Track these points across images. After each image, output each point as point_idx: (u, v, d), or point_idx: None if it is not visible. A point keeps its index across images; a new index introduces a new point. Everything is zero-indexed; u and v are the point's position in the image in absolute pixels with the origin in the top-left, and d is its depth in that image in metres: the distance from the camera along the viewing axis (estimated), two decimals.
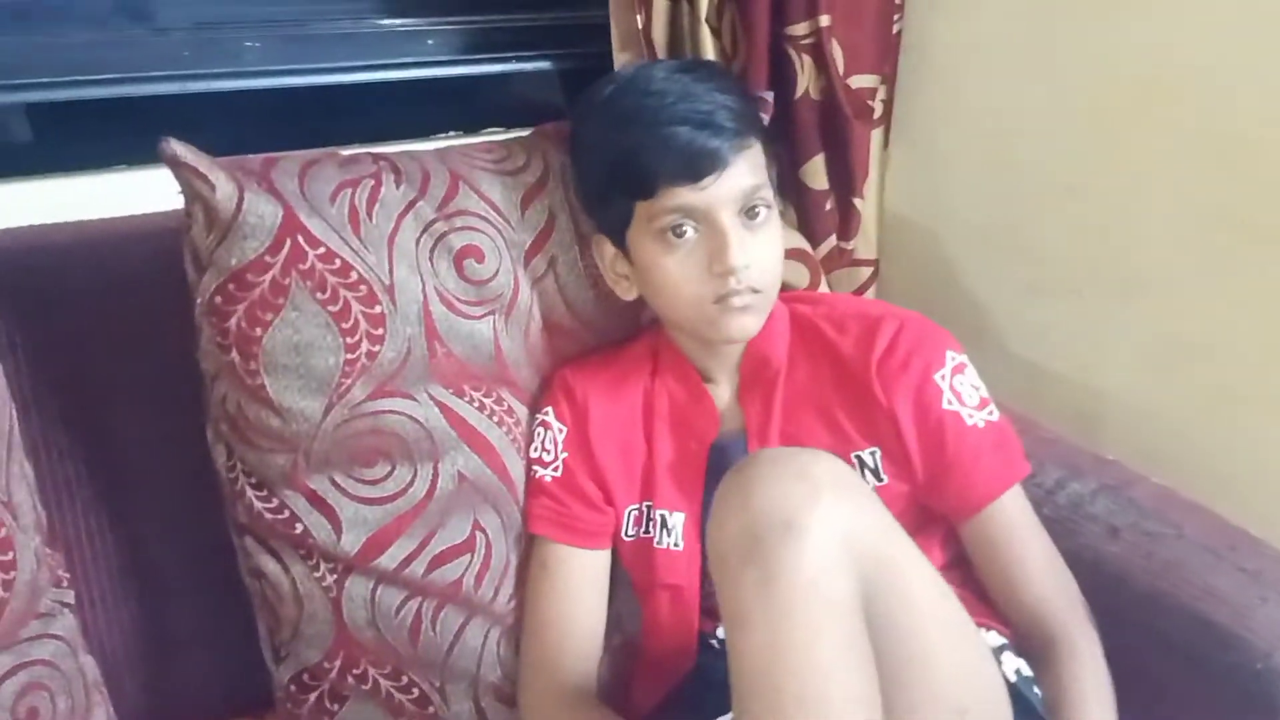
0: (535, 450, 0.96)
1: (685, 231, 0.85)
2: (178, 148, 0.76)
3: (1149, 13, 1.04)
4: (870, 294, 1.38)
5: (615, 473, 0.95)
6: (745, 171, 0.85)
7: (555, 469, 0.95)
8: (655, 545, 0.94)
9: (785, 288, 1.22)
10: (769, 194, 0.88)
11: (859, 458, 0.90)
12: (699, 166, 0.83)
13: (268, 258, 0.78)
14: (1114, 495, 0.94)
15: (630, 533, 0.95)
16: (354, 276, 0.81)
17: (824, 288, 1.30)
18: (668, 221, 0.85)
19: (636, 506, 0.96)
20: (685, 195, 0.84)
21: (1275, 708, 0.78)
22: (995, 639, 0.86)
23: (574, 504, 0.94)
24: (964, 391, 0.90)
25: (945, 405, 0.88)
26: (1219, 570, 0.85)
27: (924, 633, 0.73)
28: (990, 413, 0.91)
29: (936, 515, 0.92)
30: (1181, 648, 0.83)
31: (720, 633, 0.92)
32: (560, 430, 0.96)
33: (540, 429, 0.97)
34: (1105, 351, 1.19)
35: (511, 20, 1.24)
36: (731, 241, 0.84)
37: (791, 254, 1.26)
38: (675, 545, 0.94)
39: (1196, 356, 1.09)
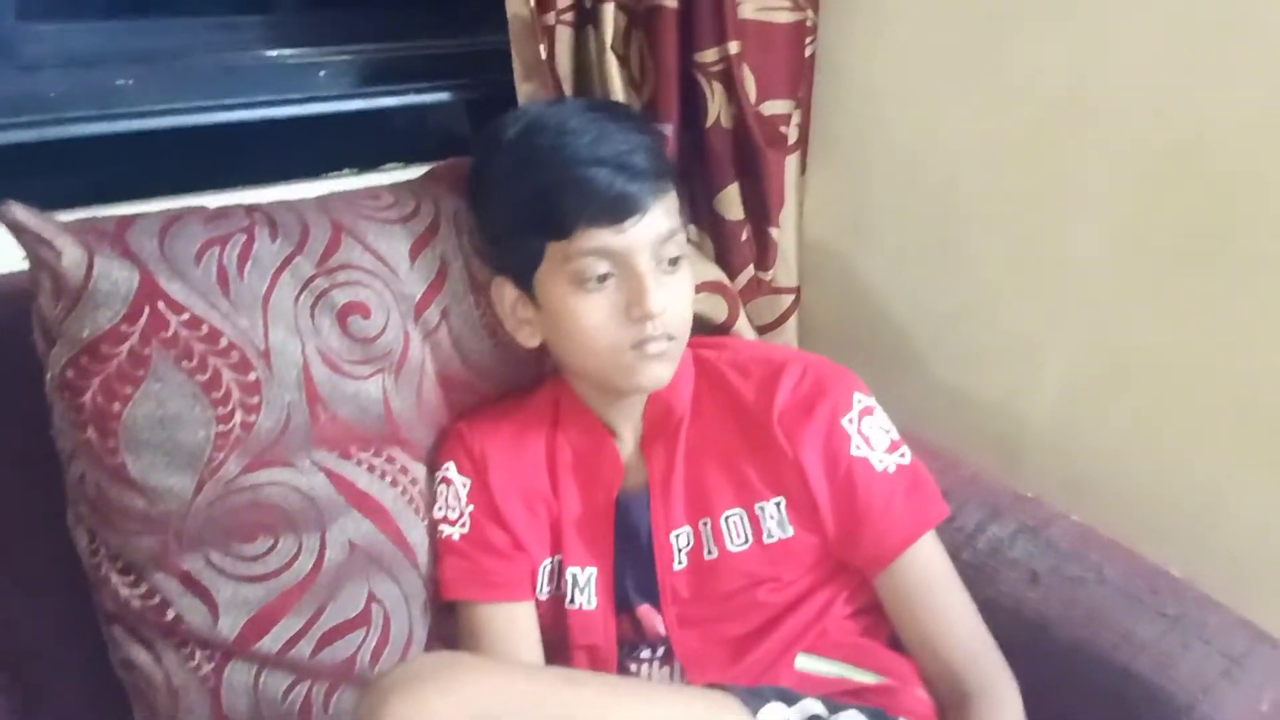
0: (439, 510, 0.92)
1: (602, 275, 0.82)
2: (18, 211, 0.69)
3: (1063, 35, 1.03)
4: (792, 321, 1.35)
5: (523, 525, 0.91)
6: (662, 216, 0.84)
7: (463, 525, 0.91)
8: (568, 605, 0.90)
9: (703, 320, 1.20)
10: (683, 239, 0.86)
11: (762, 508, 0.87)
12: (621, 209, 0.81)
13: (124, 327, 0.72)
14: (1034, 537, 0.92)
15: (544, 591, 0.91)
16: (224, 343, 0.75)
17: (743, 319, 1.26)
18: (584, 264, 0.82)
19: (548, 562, 0.92)
20: (604, 238, 0.81)
21: None
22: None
23: (487, 558, 0.90)
24: (873, 435, 0.87)
25: (854, 451, 0.86)
26: (1140, 616, 0.83)
27: None
28: (902, 455, 0.88)
29: (845, 567, 0.89)
30: (1104, 699, 0.81)
31: None
32: (464, 484, 0.91)
33: (442, 486, 0.92)
34: (1030, 377, 1.17)
35: (408, 49, 1.18)
36: (650, 286, 0.82)
37: (708, 286, 1.23)
38: (588, 604, 0.90)
39: (1121, 381, 1.08)
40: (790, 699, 0.77)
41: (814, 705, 0.77)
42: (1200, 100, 0.94)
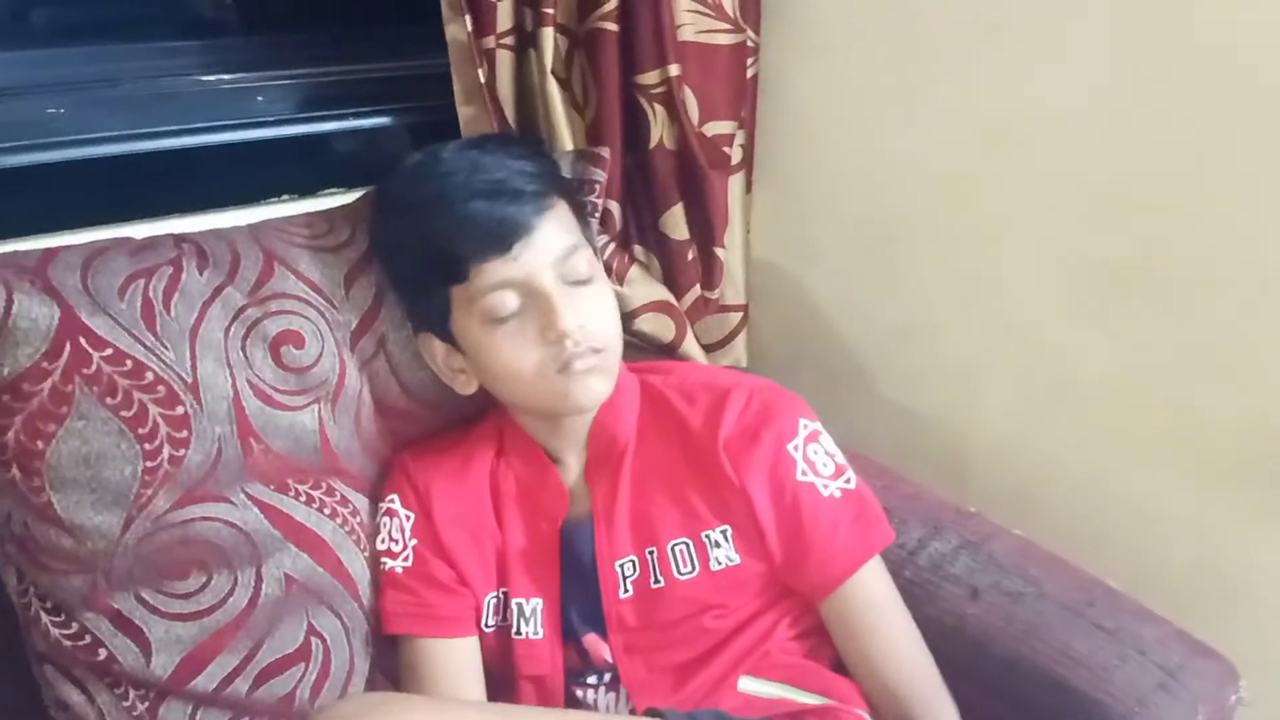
0: (382, 541, 0.91)
1: (509, 306, 0.82)
2: None
3: (999, 64, 1.04)
4: (740, 340, 1.35)
5: (468, 560, 0.90)
6: (555, 233, 0.83)
7: (406, 558, 0.90)
8: (514, 635, 0.90)
9: (650, 340, 1.20)
10: (588, 252, 0.85)
11: (709, 536, 0.87)
12: (504, 236, 0.80)
13: (45, 364, 0.71)
14: (975, 552, 0.92)
15: (489, 623, 0.91)
16: (149, 377, 0.74)
17: (690, 338, 1.27)
18: (489, 302, 0.81)
19: (494, 594, 0.91)
20: (499, 269, 0.81)
21: None
22: None
23: (430, 592, 0.89)
24: (818, 460, 0.87)
25: (800, 477, 0.86)
26: (1078, 629, 0.84)
27: None
28: (847, 481, 0.88)
29: (789, 592, 0.89)
30: (1042, 713, 0.81)
31: None
32: (408, 517, 0.90)
33: (386, 518, 0.91)
34: (975, 394, 1.18)
35: (348, 74, 1.17)
36: (558, 304, 0.81)
37: (655, 306, 1.23)
38: (535, 634, 0.90)
39: (1060, 399, 1.09)
40: None
41: None
42: (1130, 132, 0.96)
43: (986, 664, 0.85)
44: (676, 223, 1.23)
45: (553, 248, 0.82)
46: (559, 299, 0.81)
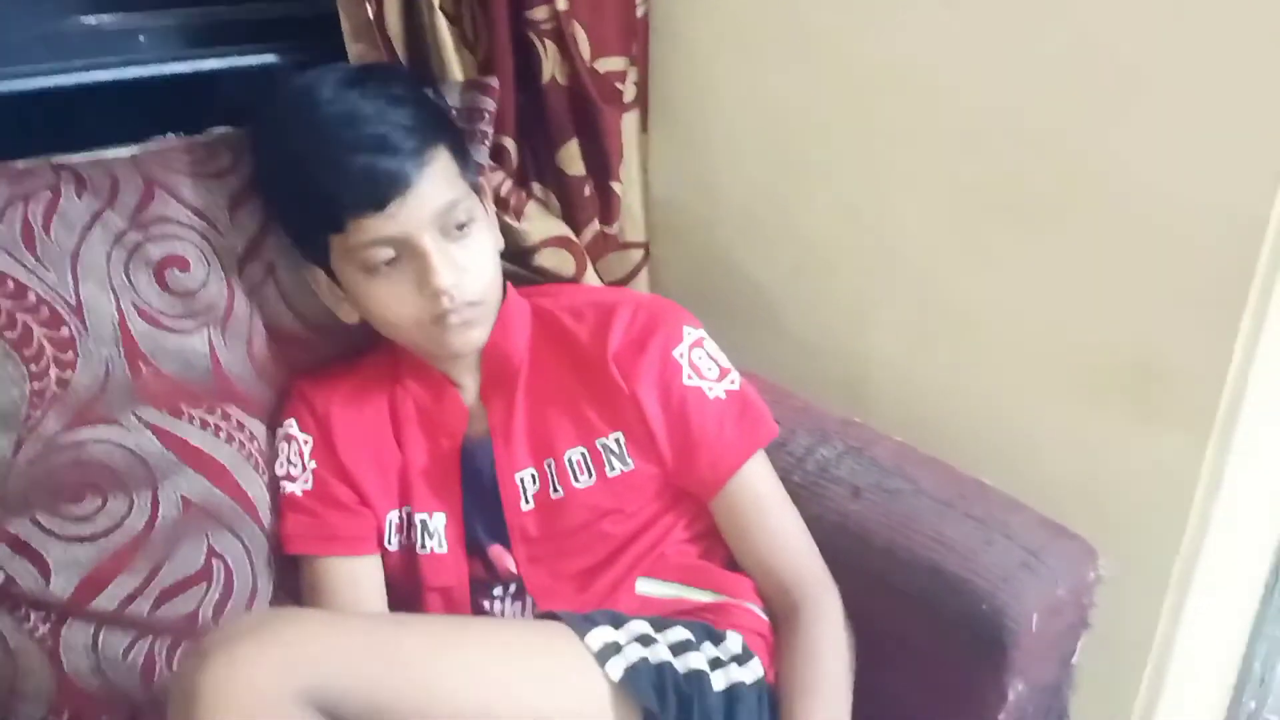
0: (281, 466, 0.92)
1: (387, 259, 0.82)
2: None
3: (884, 2, 1.08)
4: (643, 276, 1.38)
5: (370, 481, 0.92)
6: (434, 187, 0.82)
7: (305, 481, 0.91)
8: (419, 550, 0.92)
9: (551, 276, 1.23)
10: (471, 204, 0.86)
11: (603, 444, 0.90)
12: (380, 193, 0.80)
13: None
14: (857, 456, 0.97)
15: (392, 542, 0.93)
16: (31, 299, 0.75)
17: (590, 273, 1.29)
18: (365, 255, 0.82)
19: (396, 513, 0.93)
20: (375, 226, 0.81)
21: (1002, 642, 0.82)
22: (733, 644, 0.85)
23: (330, 513, 0.91)
24: (703, 365, 0.91)
25: (686, 381, 0.90)
26: (949, 519, 0.89)
27: (462, 685, 0.72)
28: (731, 382, 0.92)
29: (684, 495, 0.92)
30: (918, 597, 0.86)
31: None
32: (306, 441, 0.92)
33: (284, 443, 0.92)
34: (868, 325, 1.23)
35: (233, 12, 1.16)
36: (434, 264, 0.82)
37: (555, 242, 1.25)
38: (439, 548, 0.92)
39: (946, 327, 1.15)
40: (619, 621, 0.80)
41: (641, 625, 0.81)
42: (1006, 69, 1.01)
43: (867, 554, 0.90)
44: (572, 158, 1.25)
45: (431, 203, 0.82)
46: (435, 257, 0.82)
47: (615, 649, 0.77)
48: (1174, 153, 0.93)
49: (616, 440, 0.90)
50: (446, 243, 0.83)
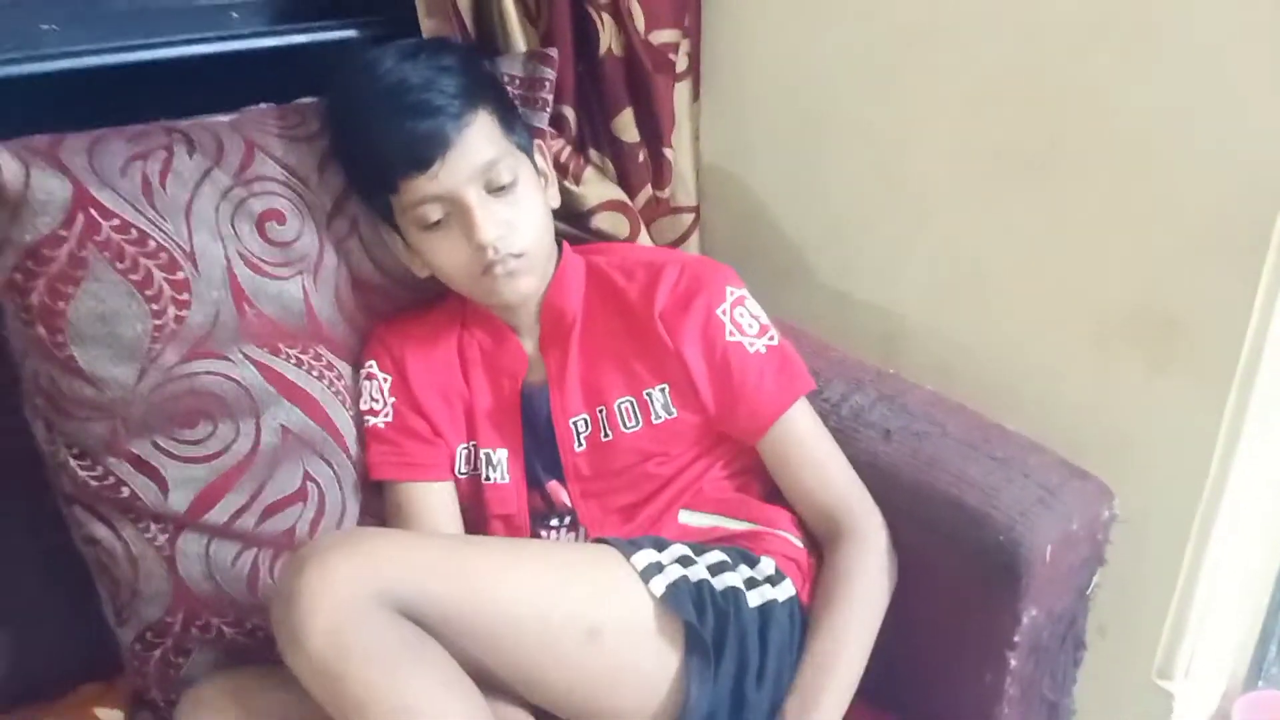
0: (365, 402, 1.02)
1: (436, 219, 0.91)
2: None
3: None
4: (694, 238, 1.46)
5: (441, 415, 1.02)
6: (476, 146, 0.89)
7: (386, 415, 1.01)
8: (484, 481, 1.01)
9: (607, 237, 1.31)
10: (513, 161, 0.92)
11: (650, 395, 0.98)
12: (422, 154, 0.87)
13: (61, 232, 0.81)
14: (890, 403, 1.04)
15: (462, 470, 1.02)
16: (152, 245, 0.85)
17: (644, 235, 1.37)
18: (417, 213, 0.91)
19: (465, 446, 1.02)
20: (422, 185, 0.89)
21: (1017, 571, 0.89)
22: (766, 567, 0.93)
23: (409, 443, 1.00)
24: (744, 322, 0.98)
25: (728, 337, 0.97)
26: (973, 460, 0.96)
27: (523, 595, 0.81)
28: (771, 338, 1.00)
29: (723, 439, 1.00)
30: (942, 529, 0.94)
31: None
32: (385, 379, 1.01)
33: (366, 382, 1.02)
34: (900, 280, 1.30)
35: None
36: (477, 219, 0.90)
37: (611, 205, 1.33)
38: (502, 479, 1.02)
39: (975, 279, 1.21)
40: (662, 545, 0.89)
41: (682, 549, 0.90)
42: (1029, 30, 1.06)
43: (896, 492, 0.97)
44: (627, 125, 1.33)
45: (473, 161, 0.89)
46: (479, 212, 0.89)
47: (658, 568, 0.86)
48: (1194, 107, 0.97)
49: (662, 390, 0.98)
50: (491, 199, 0.91)
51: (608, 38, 1.27)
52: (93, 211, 0.82)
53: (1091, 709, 1.11)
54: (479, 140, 0.90)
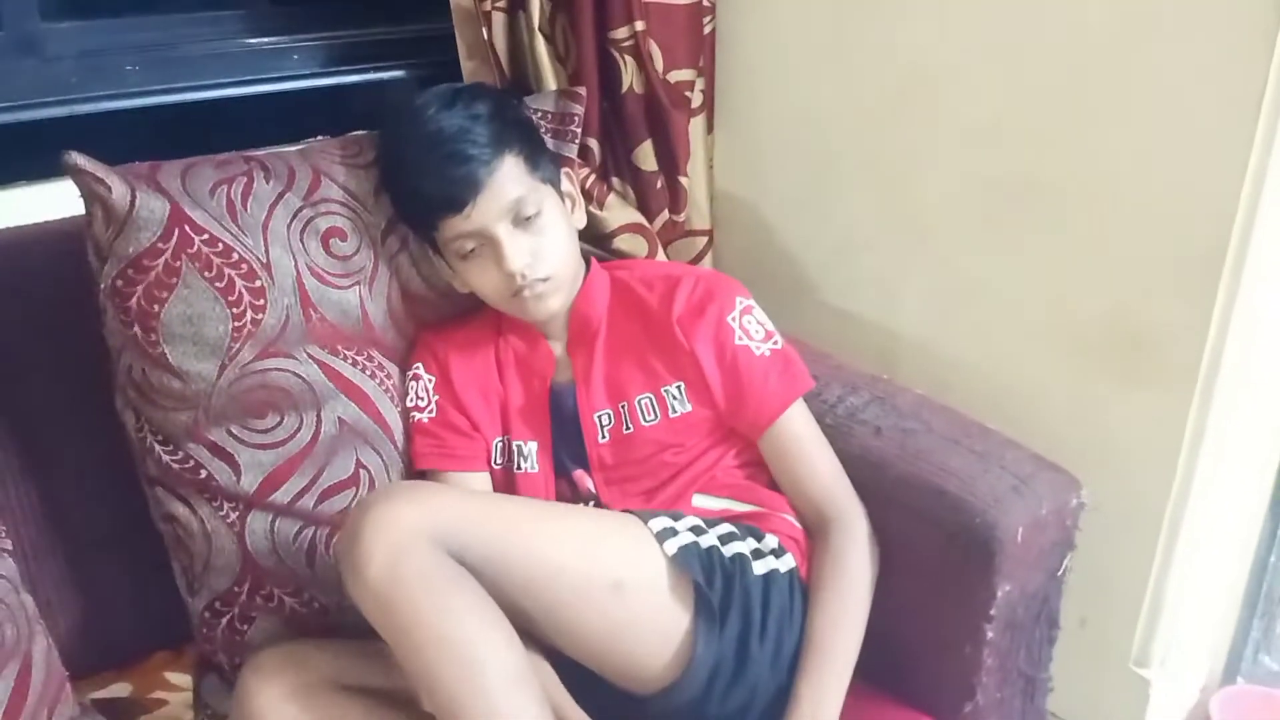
0: (410, 400, 1.14)
1: (471, 249, 1.04)
2: (78, 158, 0.92)
3: (911, 14, 1.27)
4: (708, 259, 1.58)
5: (479, 411, 1.13)
6: (506, 185, 1.01)
7: (430, 411, 1.12)
8: (515, 471, 1.13)
9: (627, 257, 1.43)
10: (538, 195, 1.03)
11: (667, 391, 1.10)
12: (456, 197, 0.99)
13: (160, 245, 0.94)
14: (882, 404, 1.15)
15: (497, 462, 1.14)
16: (235, 257, 0.98)
17: (661, 256, 1.49)
18: (454, 245, 1.04)
19: (500, 439, 1.14)
20: (457, 224, 1.01)
21: (991, 549, 0.99)
22: (770, 542, 1.04)
23: (450, 436, 1.12)
24: (751, 329, 1.10)
25: (737, 342, 1.09)
26: (954, 453, 1.06)
27: (556, 547, 0.92)
28: (775, 343, 1.11)
29: (734, 432, 1.12)
30: (925, 515, 1.04)
31: None
32: (430, 379, 1.13)
33: (413, 382, 1.14)
34: (899, 296, 1.41)
35: (367, 35, 1.40)
36: (506, 251, 1.01)
37: (631, 228, 1.46)
38: (532, 469, 1.13)
39: (967, 299, 1.32)
40: (677, 516, 1.01)
41: (695, 520, 1.01)
42: (1017, 74, 1.18)
43: (884, 482, 1.07)
44: (646, 156, 1.46)
45: (502, 200, 1.00)
46: (507, 245, 1.01)
47: (672, 533, 0.97)
48: (1157, 144, 1.08)
49: (678, 387, 1.09)
50: (519, 231, 1.03)
51: (629, 76, 1.40)
52: (186, 227, 0.95)
53: (1073, 695, 1.20)
54: (507, 181, 1.01)
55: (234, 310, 0.97)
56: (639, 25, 1.36)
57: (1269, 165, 1.03)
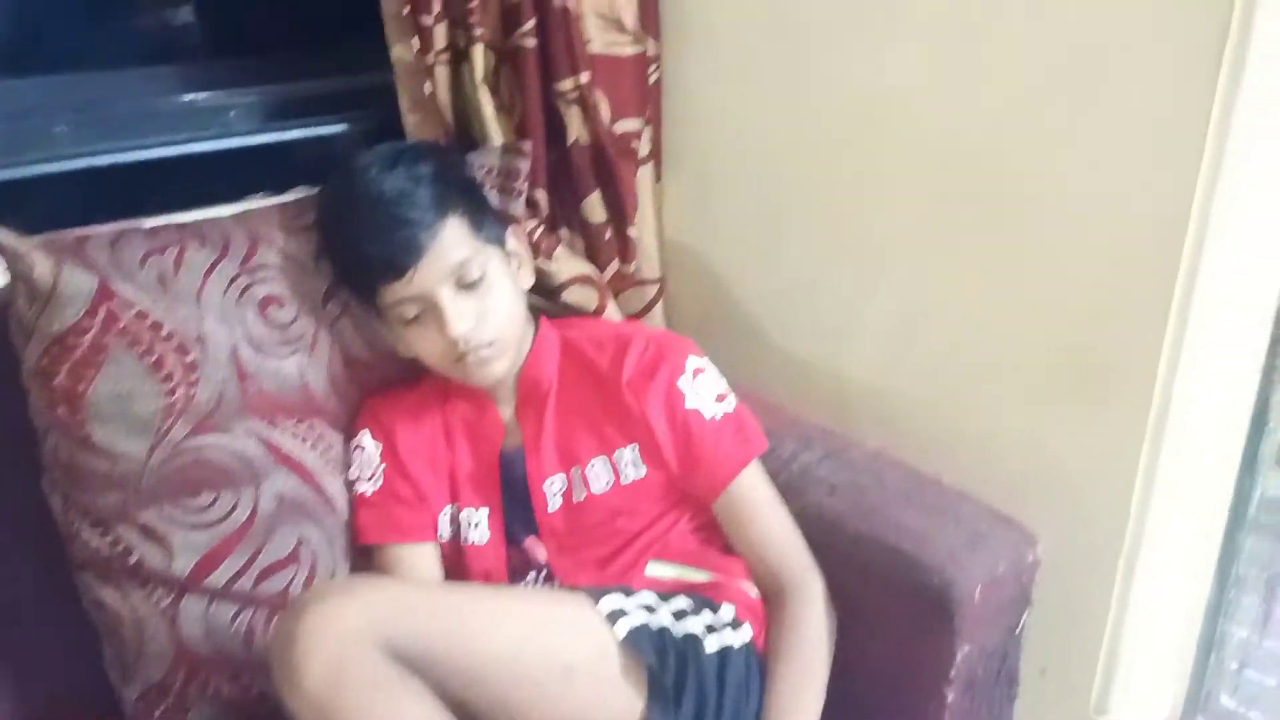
0: (354, 472, 1.10)
1: (414, 314, 1.01)
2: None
3: (854, 54, 1.26)
4: (658, 309, 1.56)
5: (427, 481, 1.10)
6: (448, 248, 0.98)
7: (375, 481, 1.09)
8: (463, 542, 1.10)
9: (577, 310, 1.41)
10: (482, 258, 1.00)
11: (620, 454, 1.08)
12: (397, 263, 0.96)
13: (86, 321, 0.91)
14: (835, 459, 1.14)
15: (445, 534, 1.11)
16: (167, 330, 0.94)
17: (612, 306, 1.47)
18: (395, 312, 1.01)
19: (448, 509, 1.11)
20: (398, 289, 0.99)
21: (950, 610, 0.98)
22: (726, 614, 1.02)
23: (395, 507, 1.09)
24: (703, 391, 1.09)
25: (688, 405, 1.07)
26: (908, 509, 1.06)
27: (502, 637, 0.88)
28: (728, 404, 1.10)
29: (688, 496, 1.10)
30: (881, 573, 1.03)
31: None
32: (376, 447, 1.10)
33: (357, 451, 1.11)
34: (848, 340, 1.40)
35: (307, 89, 1.37)
36: (448, 316, 0.98)
37: (580, 280, 1.43)
38: (481, 539, 1.10)
39: (920, 336, 1.31)
40: (628, 593, 0.98)
41: (647, 596, 0.99)
42: (958, 105, 1.18)
43: (840, 539, 1.06)
44: (594, 207, 1.44)
45: (445, 264, 0.97)
46: (450, 310, 0.98)
47: (622, 613, 0.94)
48: (1107, 176, 1.08)
49: (632, 450, 1.07)
50: (462, 295, 1.00)
51: (576, 128, 1.38)
52: (115, 302, 0.92)
53: None
54: (450, 245, 0.98)
55: (165, 386, 0.94)
56: (584, 77, 1.35)
57: (1216, 189, 1.03)
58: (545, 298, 1.36)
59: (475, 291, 1.01)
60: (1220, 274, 1.07)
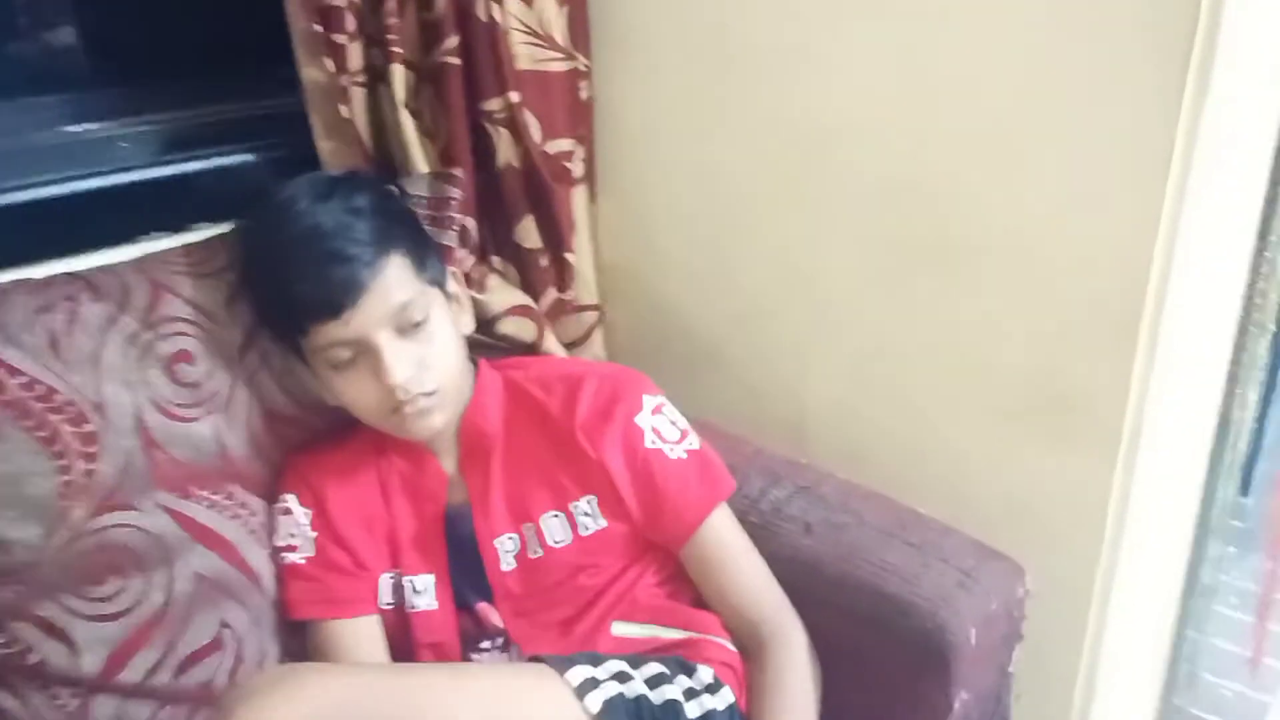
0: (282, 538, 0.99)
1: (346, 358, 0.91)
2: None
3: (802, 75, 1.21)
4: (597, 336, 1.48)
5: (364, 546, 1.00)
6: (389, 289, 0.90)
7: (307, 550, 0.99)
8: (409, 610, 1.00)
9: (513, 341, 1.32)
10: (425, 300, 0.92)
11: (576, 507, 0.99)
12: (333, 302, 0.87)
13: None
14: (807, 495, 1.07)
15: (387, 602, 1.00)
16: (59, 399, 0.82)
17: (549, 337, 1.39)
18: (327, 355, 0.91)
19: (390, 575, 1.01)
20: (333, 330, 0.89)
21: (945, 657, 0.92)
22: (704, 676, 0.93)
23: (331, 578, 0.98)
24: (663, 429, 1.01)
25: (648, 445, 0.99)
26: (891, 547, 1.00)
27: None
28: (690, 443, 1.02)
29: (653, 546, 1.02)
30: (867, 618, 0.96)
31: None
32: (305, 513, 0.99)
33: (283, 517, 1.00)
34: (805, 367, 1.35)
35: (207, 116, 1.25)
36: (387, 362, 0.89)
37: (516, 310, 1.34)
38: (429, 605, 1.00)
39: (877, 363, 1.26)
40: (597, 660, 0.89)
41: (618, 663, 0.90)
42: (914, 131, 1.13)
43: (819, 584, 1.00)
44: (528, 232, 1.35)
45: (385, 306, 0.89)
46: (388, 355, 0.89)
47: (594, 684, 0.85)
48: (1070, 202, 1.04)
49: (589, 502, 0.99)
50: (402, 340, 0.91)
51: (505, 150, 1.30)
52: None
53: None
54: (391, 284, 0.90)
55: (60, 463, 0.82)
56: (514, 96, 1.27)
57: (1179, 224, 1.01)
58: (479, 331, 1.26)
59: (416, 337, 0.92)
60: (1186, 300, 1.06)
